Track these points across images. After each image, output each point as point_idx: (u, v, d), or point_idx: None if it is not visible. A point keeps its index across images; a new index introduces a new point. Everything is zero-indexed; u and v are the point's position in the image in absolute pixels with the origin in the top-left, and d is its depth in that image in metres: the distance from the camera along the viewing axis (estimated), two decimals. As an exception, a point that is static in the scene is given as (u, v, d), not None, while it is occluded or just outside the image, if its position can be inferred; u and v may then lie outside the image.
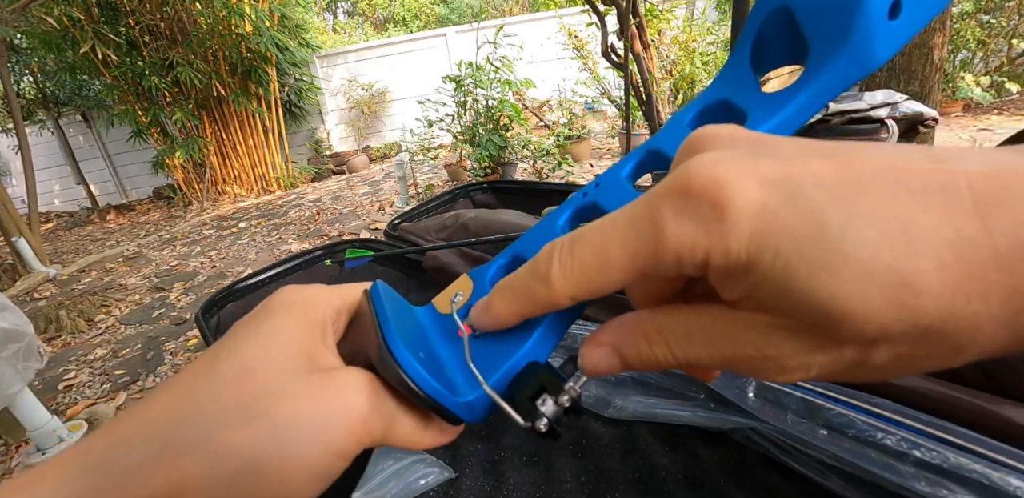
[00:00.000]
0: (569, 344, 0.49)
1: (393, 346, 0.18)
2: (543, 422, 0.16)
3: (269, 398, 0.16)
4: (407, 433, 0.19)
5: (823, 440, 0.32)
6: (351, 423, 0.17)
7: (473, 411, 0.18)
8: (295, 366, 0.17)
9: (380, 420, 0.17)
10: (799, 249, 0.11)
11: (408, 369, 0.17)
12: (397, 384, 0.17)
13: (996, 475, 0.26)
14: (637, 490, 0.36)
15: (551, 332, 0.19)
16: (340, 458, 0.17)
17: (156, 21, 4.85)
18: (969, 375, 0.32)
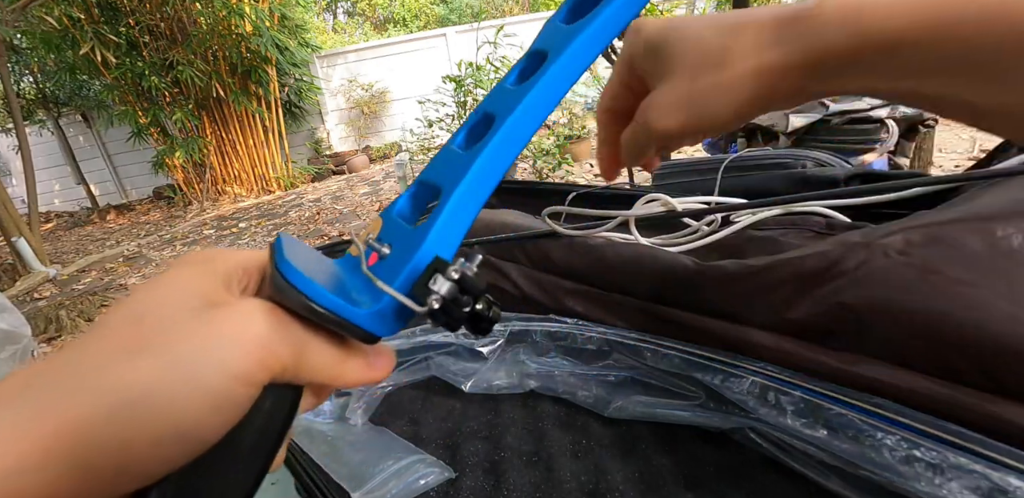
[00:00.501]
0: (568, 344, 0.49)
1: (284, 267, 0.17)
2: (434, 297, 0.16)
3: (158, 336, 0.16)
4: (324, 363, 0.18)
5: (823, 440, 0.32)
6: (249, 345, 0.16)
7: (383, 320, 0.17)
8: (189, 307, 0.17)
9: (287, 345, 0.17)
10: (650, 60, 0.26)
11: (301, 285, 0.17)
12: (295, 304, 0.17)
13: (996, 475, 0.26)
14: (637, 490, 0.36)
15: (447, 231, 0.19)
16: (244, 384, 0.16)
17: (156, 21, 4.85)
18: (969, 375, 0.32)
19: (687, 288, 0.47)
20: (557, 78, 0.20)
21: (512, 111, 0.19)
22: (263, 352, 0.16)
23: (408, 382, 0.50)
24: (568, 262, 0.59)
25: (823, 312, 0.38)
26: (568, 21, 0.21)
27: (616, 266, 0.54)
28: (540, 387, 0.47)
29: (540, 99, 0.20)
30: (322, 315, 0.17)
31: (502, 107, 0.20)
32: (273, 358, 0.16)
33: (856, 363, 0.36)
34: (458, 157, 0.20)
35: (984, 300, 0.32)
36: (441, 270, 0.17)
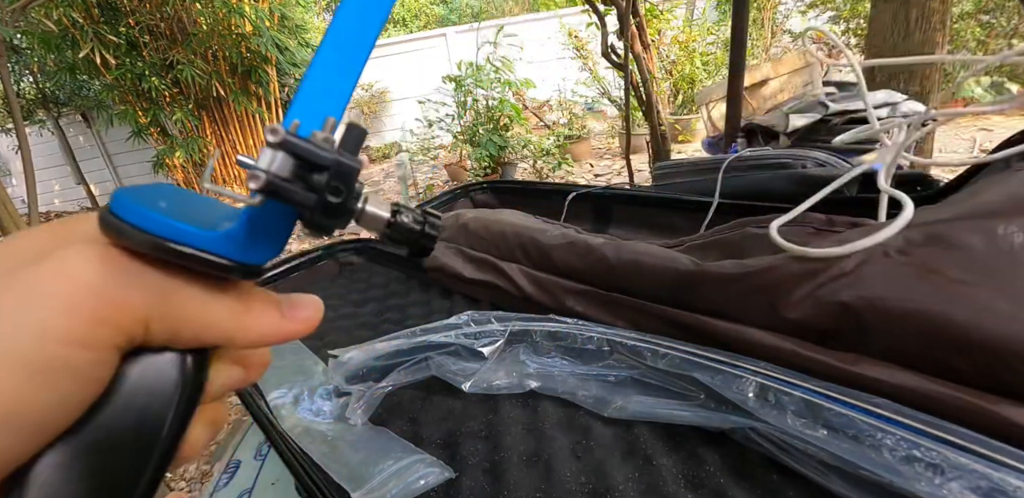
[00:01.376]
0: (568, 344, 0.49)
1: (115, 203, 0.14)
2: (256, 179, 0.13)
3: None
4: (213, 316, 0.14)
5: (823, 440, 0.32)
6: (76, 297, 0.12)
7: (245, 242, 0.14)
8: (16, 263, 0.13)
9: (139, 294, 0.13)
10: None
11: (131, 216, 0.13)
12: (134, 241, 0.13)
13: (996, 475, 0.26)
14: (637, 490, 0.36)
15: (314, 94, 0.15)
16: (81, 346, 0.12)
17: (156, 21, 4.85)
18: (969, 375, 0.32)
19: (687, 288, 0.47)
20: None
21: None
22: (98, 304, 0.13)
23: (408, 382, 0.50)
24: (569, 262, 0.59)
25: (823, 312, 0.38)
26: None
27: (616, 266, 0.54)
28: (540, 387, 0.47)
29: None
30: (160, 246, 0.13)
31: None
32: (118, 311, 0.13)
33: (856, 363, 0.36)
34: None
35: (984, 300, 0.32)
36: (272, 141, 0.13)
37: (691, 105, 4.40)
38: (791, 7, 4.89)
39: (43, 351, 0.12)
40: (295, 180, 0.13)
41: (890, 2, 2.31)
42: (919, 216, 0.40)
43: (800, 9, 4.78)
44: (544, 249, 0.62)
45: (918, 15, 2.27)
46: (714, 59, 4.50)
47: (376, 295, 0.76)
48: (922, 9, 2.26)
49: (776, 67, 3.08)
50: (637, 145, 3.79)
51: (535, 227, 0.68)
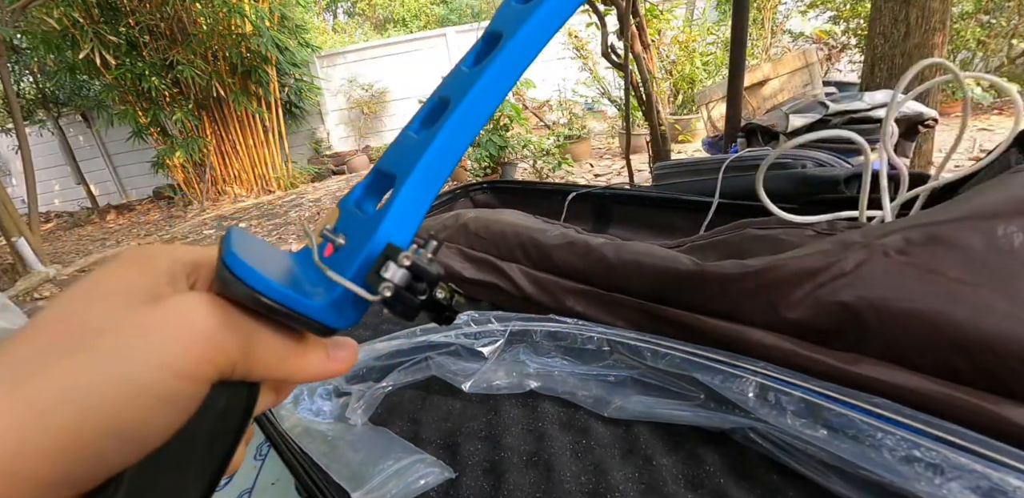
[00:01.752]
0: (568, 344, 0.49)
1: (230, 259, 0.16)
2: (386, 287, 0.16)
3: (91, 333, 0.15)
4: (279, 358, 0.17)
5: (823, 440, 0.32)
6: (191, 340, 0.15)
7: (337, 311, 0.17)
8: (123, 303, 0.15)
9: (234, 339, 0.16)
10: None
11: (248, 277, 0.16)
12: (243, 297, 0.16)
13: (996, 475, 0.26)
14: (637, 490, 0.36)
15: (402, 218, 0.18)
16: (187, 380, 0.15)
17: (156, 21, 4.85)
18: (969, 375, 0.32)
19: (687, 288, 0.47)
20: (512, 60, 0.19)
21: (466, 94, 0.19)
22: (206, 346, 0.15)
23: (408, 382, 0.50)
24: (569, 262, 0.59)
25: (823, 312, 0.38)
26: (522, 0, 0.20)
27: (616, 266, 0.54)
28: (540, 387, 0.47)
29: (495, 82, 0.19)
30: (272, 308, 0.16)
31: (457, 91, 0.19)
32: (219, 353, 0.15)
33: (856, 363, 0.36)
34: (413, 143, 0.20)
35: (984, 300, 0.32)
36: (392, 257, 0.17)
37: (691, 105, 4.40)
38: (791, 7, 4.89)
39: (164, 383, 0.14)
40: (406, 288, 0.17)
41: (890, 2, 2.31)
42: (919, 217, 0.40)
43: (800, 9, 4.78)
44: (544, 249, 0.62)
45: (918, 15, 2.27)
46: (714, 59, 4.50)
47: (376, 295, 0.76)
48: (922, 9, 2.26)
49: (776, 67, 3.08)
50: (637, 145, 3.79)
51: (535, 227, 0.68)
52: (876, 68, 2.48)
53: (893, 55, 2.41)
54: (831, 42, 4.69)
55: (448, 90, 0.20)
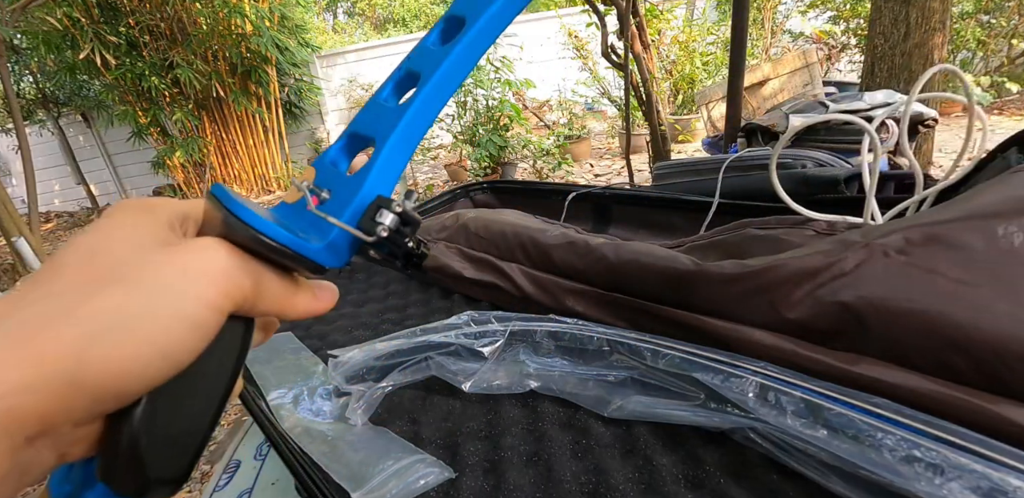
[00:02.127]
0: (568, 344, 0.49)
1: (236, 208, 0.19)
2: (382, 228, 0.19)
3: (124, 268, 0.17)
4: (277, 295, 0.20)
5: (823, 440, 0.32)
6: (216, 276, 0.17)
7: (333, 252, 0.20)
8: (140, 243, 0.18)
9: (245, 276, 0.18)
10: None
11: (255, 223, 0.18)
12: (250, 241, 0.18)
13: (996, 475, 0.26)
14: (637, 490, 0.36)
15: (383, 175, 0.21)
16: (215, 311, 0.17)
17: (156, 21, 4.85)
18: (969, 375, 0.32)
19: (687, 288, 0.47)
20: (476, 41, 0.22)
21: (436, 70, 0.21)
22: (228, 283, 0.18)
23: (408, 382, 0.50)
24: (569, 262, 0.59)
25: (823, 312, 0.38)
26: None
27: (616, 266, 0.54)
28: (540, 387, 0.47)
29: (461, 60, 0.22)
30: (276, 249, 0.18)
31: (427, 66, 0.22)
32: (236, 289, 0.18)
33: (856, 363, 0.36)
34: (387, 110, 0.22)
35: (984, 300, 0.32)
36: (385, 205, 0.19)
37: (691, 105, 4.40)
38: (791, 7, 4.89)
39: (197, 312, 0.17)
40: (397, 231, 0.20)
41: (890, 2, 2.31)
42: (919, 217, 0.40)
43: (800, 9, 4.78)
44: (544, 249, 0.62)
45: (918, 15, 2.27)
46: (714, 59, 4.50)
47: (376, 295, 0.76)
48: (922, 9, 2.26)
49: (776, 67, 3.08)
50: (637, 145, 3.79)
51: (535, 227, 0.68)
52: (876, 68, 2.48)
53: (893, 55, 2.41)
54: (831, 42, 4.70)
55: (417, 65, 0.22)
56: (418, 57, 0.22)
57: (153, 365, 0.16)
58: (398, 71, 0.23)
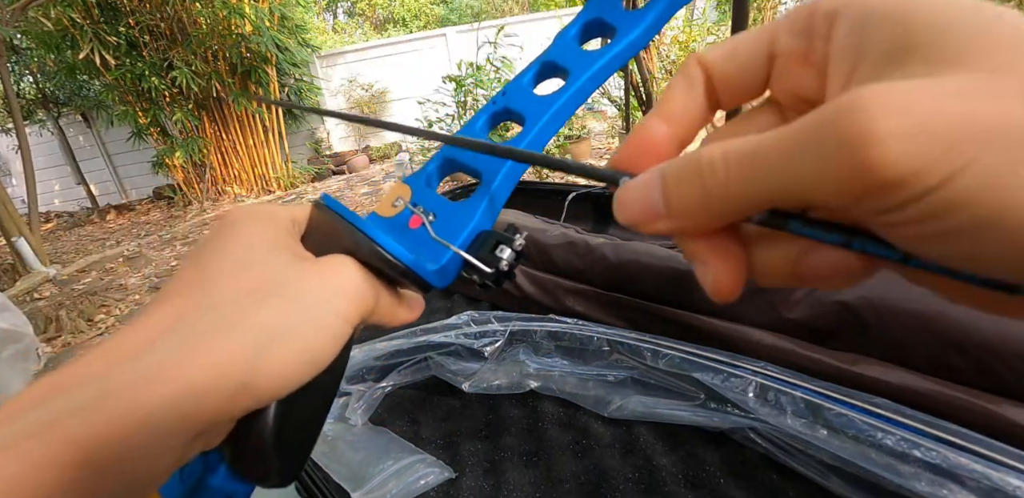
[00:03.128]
0: (568, 344, 0.49)
1: (370, 230, 0.21)
2: (504, 263, 0.21)
3: (276, 283, 0.19)
4: (387, 306, 0.22)
5: (823, 440, 0.32)
6: (352, 293, 0.20)
7: (443, 275, 0.22)
8: (283, 258, 0.20)
9: (371, 292, 0.21)
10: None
11: (388, 247, 0.20)
12: (379, 261, 0.21)
13: (996, 475, 0.26)
14: (637, 490, 0.36)
15: (491, 209, 0.23)
16: (348, 323, 0.19)
17: (156, 21, 4.85)
18: (969, 375, 0.32)
19: (687, 288, 0.47)
20: (580, 93, 0.23)
21: (542, 117, 0.23)
22: (360, 299, 0.20)
23: (408, 382, 0.50)
24: (568, 262, 0.59)
25: (823, 312, 0.38)
26: (581, 40, 0.24)
27: (616, 266, 0.54)
28: (540, 387, 0.47)
29: (565, 109, 0.23)
30: (401, 270, 0.20)
31: (530, 110, 0.23)
32: (365, 304, 0.20)
33: (856, 363, 0.36)
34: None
35: (984, 300, 0.32)
36: (506, 242, 0.21)
37: (691, 105, 4.39)
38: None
39: (337, 324, 0.19)
40: (511, 264, 0.21)
41: (890, 2, 2.31)
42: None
43: (800, 9, 4.77)
44: (544, 249, 0.62)
45: (918, 15, 2.27)
46: (714, 59, 4.50)
47: (376, 295, 0.76)
48: (922, 9, 2.26)
49: (776, 67, 3.08)
50: (637, 145, 3.78)
51: (535, 227, 0.68)
52: (876, 68, 2.48)
53: (893, 55, 2.41)
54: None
55: (518, 106, 0.24)
56: (518, 98, 0.24)
57: (303, 371, 0.18)
58: (493, 105, 0.25)
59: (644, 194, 0.14)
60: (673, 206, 0.13)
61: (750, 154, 0.12)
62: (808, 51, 0.14)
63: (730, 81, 0.16)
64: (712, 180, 0.12)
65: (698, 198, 0.13)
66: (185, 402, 0.16)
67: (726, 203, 0.12)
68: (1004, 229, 0.09)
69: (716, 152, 0.12)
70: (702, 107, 0.17)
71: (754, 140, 0.12)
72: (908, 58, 0.11)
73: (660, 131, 0.17)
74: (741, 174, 0.12)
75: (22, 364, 1.28)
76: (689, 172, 0.13)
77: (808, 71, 0.15)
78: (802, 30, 0.14)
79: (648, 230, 0.14)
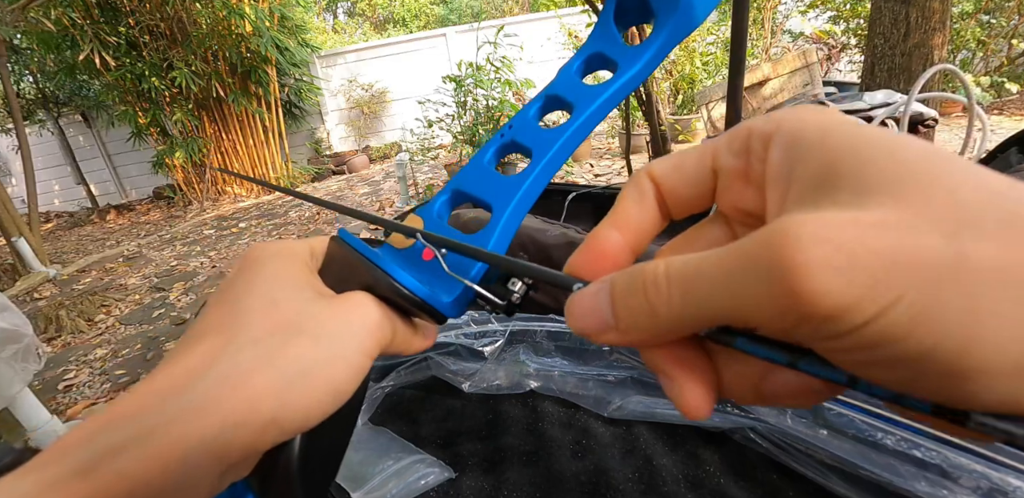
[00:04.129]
0: (569, 344, 0.49)
1: (386, 266, 0.22)
2: (516, 296, 0.21)
3: (302, 320, 0.20)
4: (404, 337, 0.23)
5: (823, 440, 0.32)
6: (371, 329, 0.20)
7: (456, 307, 0.22)
8: (308, 295, 0.21)
9: (389, 326, 0.21)
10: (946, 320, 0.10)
11: (405, 281, 0.21)
12: (396, 295, 0.21)
13: (996, 475, 0.26)
14: (637, 490, 0.36)
15: (502, 241, 0.23)
16: (368, 358, 0.20)
17: (156, 21, 4.85)
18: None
19: (687, 288, 0.47)
20: (584, 127, 0.24)
21: (549, 151, 0.24)
22: (380, 335, 0.21)
23: (408, 382, 0.50)
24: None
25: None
26: (583, 74, 0.25)
27: (616, 266, 0.54)
28: (540, 387, 0.47)
29: (570, 143, 0.24)
30: (417, 303, 0.21)
31: (537, 144, 0.24)
32: (383, 338, 0.21)
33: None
34: (498, 178, 0.25)
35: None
36: (519, 276, 0.22)
37: (691, 105, 4.40)
38: (791, 7, 4.89)
39: (359, 359, 0.20)
40: (523, 296, 0.22)
41: (890, 2, 2.31)
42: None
43: (800, 9, 4.78)
44: (544, 249, 0.62)
45: (918, 15, 2.27)
46: (714, 59, 4.50)
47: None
48: (922, 9, 2.26)
49: (776, 67, 3.08)
50: (637, 145, 3.79)
51: (535, 227, 0.68)
52: (876, 68, 2.49)
53: (893, 55, 2.41)
54: (831, 42, 4.70)
55: (524, 139, 0.25)
56: (524, 132, 0.25)
57: (327, 404, 0.19)
58: (500, 137, 0.25)
59: (594, 304, 0.14)
60: (621, 319, 0.14)
61: (692, 273, 0.12)
62: (747, 170, 0.15)
63: (678, 194, 0.17)
64: (656, 296, 0.13)
65: (644, 312, 0.13)
66: (221, 437, 0.16)
67: (671, 319, 0.13)
68: (939, 360, 0.09)
69: (660, 268, 0.13)
70: (654, 217, 0.18)
71: (695, 259, 0.12)
72: (835, 186, 0.12)
73: (613, 239, 0.17)
74: (684, 292, 0.12)
75: (22, 364, 1.28)
76: (635, 286, 0.13)
77: (749, 188, 0.15)
78: (740, 150, 0.15)
79: (600, 341, 0.15)
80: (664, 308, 0.13)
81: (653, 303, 0.13)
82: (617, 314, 0.14)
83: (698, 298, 0.12)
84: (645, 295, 0.13)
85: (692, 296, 0.12)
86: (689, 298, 0.12)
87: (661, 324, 0.13)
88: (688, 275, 0.12)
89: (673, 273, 0.13)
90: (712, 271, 0.12)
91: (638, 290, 0.13)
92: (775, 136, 0.14)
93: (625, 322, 0.14)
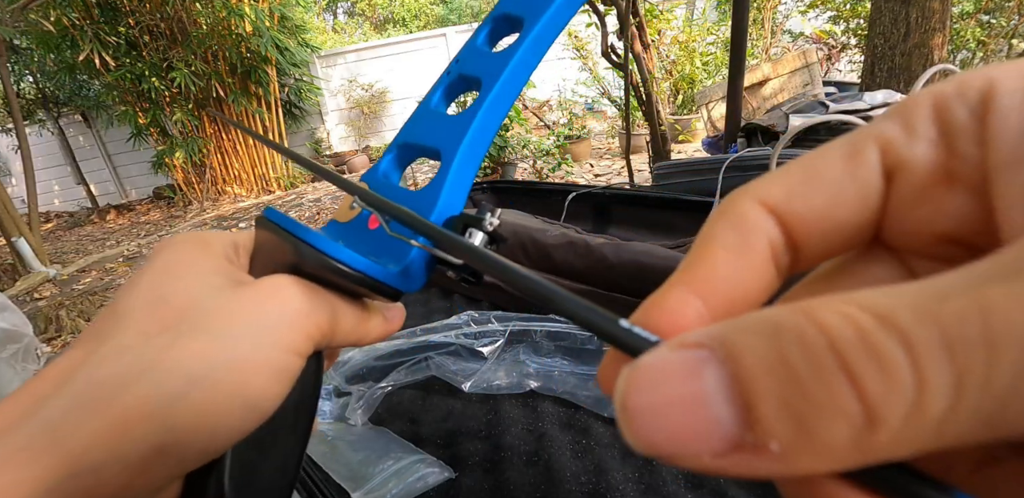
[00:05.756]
0: (569, 344, 0.49)
1: (310, 237, 0.17)
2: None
3: (197, 314, 0.16)
4: (353, 325, 0.18)
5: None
6: (295, 319, 0.16)
7: (410, 276, 0.18)
8: (213, 284, 0.17)
9: (323, 314, 0.17)
10: None
11: (333, 252, 0.17)
12: (330, 272, 0.17)
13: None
14: (637, 490, 0.36)
15: (456, 190, 0.19)
16: (295, 354, 0.16)
17: (156, 21, 4.85)
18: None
19: (687, 288, 0.47)
20: (538, 42, 0.20)
21: (499, 76, 0.20)
22: (307, 323, 0.17)
23: (408, 382, 0.50)
24: (569, 262, 0.59)
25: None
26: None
27: (616, 266, 0.54)
28: (540, 387, 0.47)
29: (523, 63, 0.20)
30: (358, 278, 0.17)
31: (486, 71, 0.20)
32: (316, 328, 0.17)
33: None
34: (447, 120, 0.21)
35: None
36: (474, 224, 0.17)
37: (691, 105, 4.40)
38: (791, 7, 4.89)
39: (280, 358, 0.16)
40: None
41: (890, 2, 2.31)
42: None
43: (800, 9, 4.78)
44: (544, 249, 0.62)
45: (918, 15, 2.27)
46: (714, 59, 4.50)
47: (376, 295, 0.76)
48: (922, 9, 2.26)
49: (776, 67, 3.08)
50: (637, 145, 3.79)
51: (535, 227, 0.68)
52: (876, 68, 2.49)
53: (893, 55, 2.41)
54: (831, 42, 4.70)
55: (473, 70, 0.21)
56: (472, 61, 0.21)
57: (239, 418, 0.15)
58: (447, 75, 0.21)
59: (692, 390, 0.07)
60: (776, 426, 0.07)
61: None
62: (949, 163, 0.09)
63: (819, 226, 0.10)
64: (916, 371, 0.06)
65: (894, 406, 0.06)
66: (67, 485, 0.12)
67: (966, 420, 0.06)
68: None
69: (902, 311, 0.07)
70: (765, 274, 0.10)
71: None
72: None
73: (691, 311, 0.10)
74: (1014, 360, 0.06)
75: (22, 364, 1.28)
76: (816, 353, 0.07)
77: (953, 194, 0.09)
78: (932, 132, 0.09)
79: (694, 464, 0.08)
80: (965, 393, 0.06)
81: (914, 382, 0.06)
82: (763, 415, 0.07)
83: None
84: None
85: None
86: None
87: (928, 429, 0.06)
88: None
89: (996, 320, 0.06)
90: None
91: (822, 364, 0.07)
92: (998, 92, 0.09)
93: (792, 431, 0.07)
